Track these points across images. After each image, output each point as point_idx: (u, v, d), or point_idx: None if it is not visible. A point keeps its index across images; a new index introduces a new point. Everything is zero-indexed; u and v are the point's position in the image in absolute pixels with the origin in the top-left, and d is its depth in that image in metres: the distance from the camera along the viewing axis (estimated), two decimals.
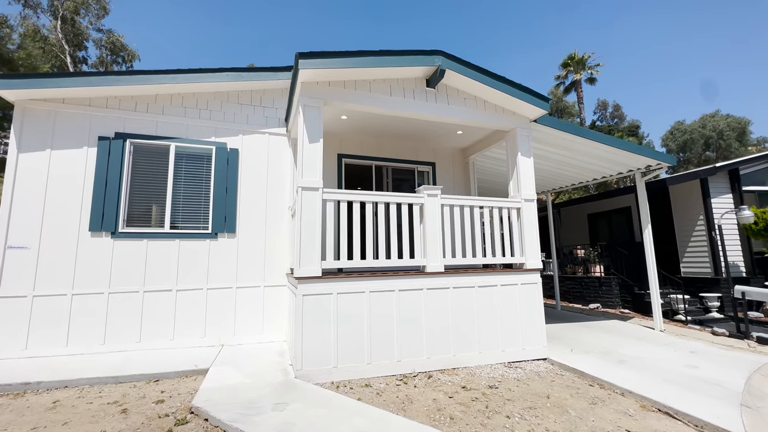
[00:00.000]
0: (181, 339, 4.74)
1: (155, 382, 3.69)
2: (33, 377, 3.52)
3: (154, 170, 4.96)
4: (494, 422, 3.04)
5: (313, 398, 3.22)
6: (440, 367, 4.25)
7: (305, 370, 3.71)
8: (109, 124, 4.82)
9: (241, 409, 2.91)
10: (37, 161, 4.49)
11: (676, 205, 8.53)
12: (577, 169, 7.50)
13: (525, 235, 4.96)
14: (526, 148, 5.19)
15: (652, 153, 6.35)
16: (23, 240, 4.32)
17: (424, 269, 4.41)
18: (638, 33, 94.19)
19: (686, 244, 8.33)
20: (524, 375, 4.22)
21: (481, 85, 4.72)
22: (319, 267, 3.91)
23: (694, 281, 8.02)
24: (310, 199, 3.99)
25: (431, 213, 4.49)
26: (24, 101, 4.50)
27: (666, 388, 3.72)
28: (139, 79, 4.66)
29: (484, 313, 4.55)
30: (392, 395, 3.51)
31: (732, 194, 8.05)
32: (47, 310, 4.31)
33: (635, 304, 8.31)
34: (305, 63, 3.80)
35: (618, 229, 10.38)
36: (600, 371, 4.20)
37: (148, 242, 4.77)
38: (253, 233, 5.26)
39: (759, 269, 7.87)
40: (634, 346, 5.35)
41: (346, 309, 3.96)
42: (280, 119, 5.65)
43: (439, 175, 6.76)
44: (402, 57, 4.25)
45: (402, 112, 4.65)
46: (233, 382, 3.54)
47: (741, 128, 31.94)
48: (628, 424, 3.09)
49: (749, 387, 3.90)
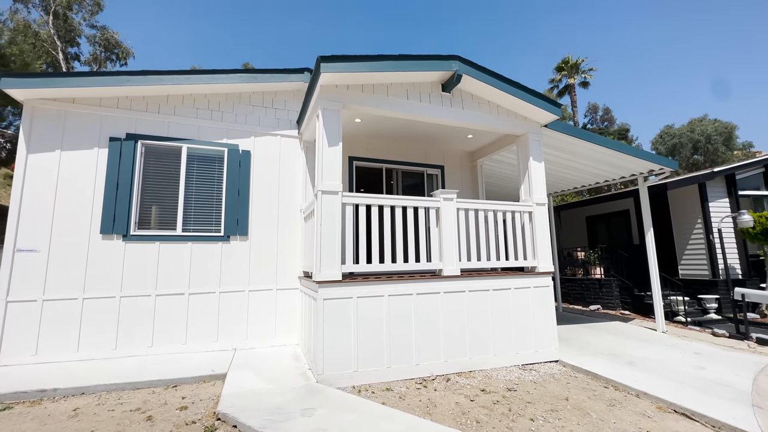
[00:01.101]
0: (193, 343, 4.68)
1: (174, 388, 3.64)
2: (48, 384, 3.44)
3: (165, 172, 4.89)
4: (520, 425, 3.08)
5: (338, 403, 3.22)
6: (457, 370, 4.27)
7: (326, 374, 3.70)
8: (120, 124, 4.74)
9: (269, 415, 2.89)
10: (46, 162, 4.39)
11: (674, 208, 8.73)
12: (579, 173, 7.62)
13: (537, 238, 5.02)
14: (538, 152, 5.26)
15: (655, 158, 6.48)
16: (33, 243, 4.21)
17: (441, 273, 4.44)
18: (628, 37, 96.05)
19: (684, 247, 8.53)
20: (539, 377, 4.27)
21: (495, 90, 4.77)
22: (339, 271, 3.91)
23: (692, 283, 8.21)
24: (329, 202, 3.98)
25: (447, 217, 4.52)
26: (33, 100, 4.39)
27: (679, 390, 3.80)
28: (152, 79, 4.59)
29: (499, 316, 4.60)
30: (415, 399, 3.53)
31: (728, 198, 8.27)
32: (57, 314, 4.22)
33: (635, 305, 8.47)
34: (327, 66, 3.79)
35: (616, 232, 10.57)
36: (613, 373, 4.27)
37: (160, 245, 4.70)
38: (266, 236, 5.22)
39: (754, 271, 8.10)
40: (641, 348, 5.45)
41: (366, 313, 3.96)
42: (291, 121, 5.62)
43: (447, 178, 6.81)
44: (420, 61, 4.27)
45: (418, 116, 4.67)
46: (255, 387, 3.51)
47: (728, 133, 32.77)
48: (649, 425, 3.15)
49: (757, 388, 4.01)
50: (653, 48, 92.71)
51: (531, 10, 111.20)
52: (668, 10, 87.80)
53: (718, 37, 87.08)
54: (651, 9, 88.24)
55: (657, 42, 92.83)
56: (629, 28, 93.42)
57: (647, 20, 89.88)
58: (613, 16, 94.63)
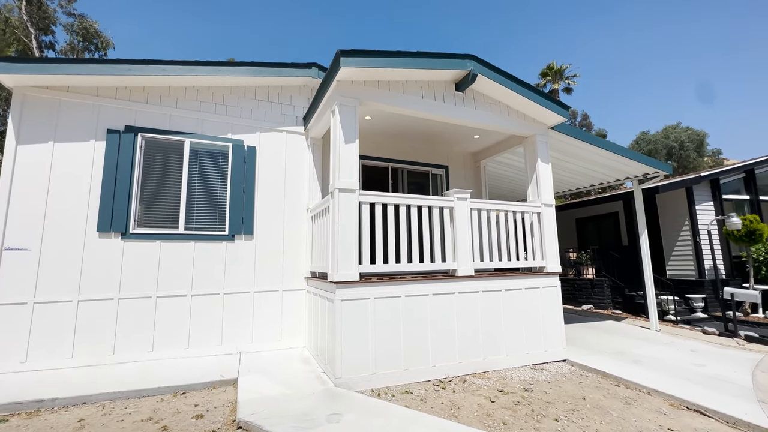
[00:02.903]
0: (196, 347, 4.46)
1: (183, 395, 3.44)
2: (46, 393, 3.18)
3: (167, 167, 4.65)
4: (546, 426, 3.07)
5: (363, 408, 3.12)
6: (472, 371, 4.25)
7: (345, 378, 3.58)
8: (118, 116, 4.47)
9: (294, 422, 2.77)
10: (38, 154, 4.07)
11: (662, 211, 9.05)
12: (577, 175, 7.78)
13: (545, 239, 5.08)
14: (545, 154, 5.31)
15: (650, 161, 6.68)
16: (23, 241, 3.90)
17: (454, 273, 4.40)
18: (603, 45, 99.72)
19: (672, 248, 8.85)
20: (552, 377, 4.30)
21: (508, 90, 4.78)
22: (356, 271, 3.81)
23: (679, 283, 8.53)
24: (346, 201, 3.87)
25: (461, 216, 4.49)
26: (24, 87, 4.08)
27: (686, 387, 3.90)
28: (154, 69, 4.34)
29: (510, 317, 4.61)
30: (436, 402, 3.47)
31: (713, 202, 8.65)
32: (50, 318, 3.92)
33: (626, 305, 8.72)
34: (347, 61, 3.68)
35: (605, 234, 10.88)
36: (621, 371, 4.35)
37: (162, 244, 4.45)
38: (271, 235, 5.05)
39: (736, 272, 8.49)
40: (642, 347, 5.59)
41: (383, 314, 3.87)
42: (297, 117, 5.46)
43: (451, 178, 6.80)
44: (438, 59, 4.23)
45: (432, 115, 4.63)
46: (272, 393, 3.36)
47: (699, 140, 34.45)
48: (668, 423, 3.20)
49: (757, 383, 4.17)
50: (631, 56, 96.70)
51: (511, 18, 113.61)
52: (648, 21, 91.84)
53: (693, 48, 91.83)
54: (631, 21, 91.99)
55: (634, 50, 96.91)
56: (600, 36, 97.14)
57: (628, 32, 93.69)
58: (592, 25, 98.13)
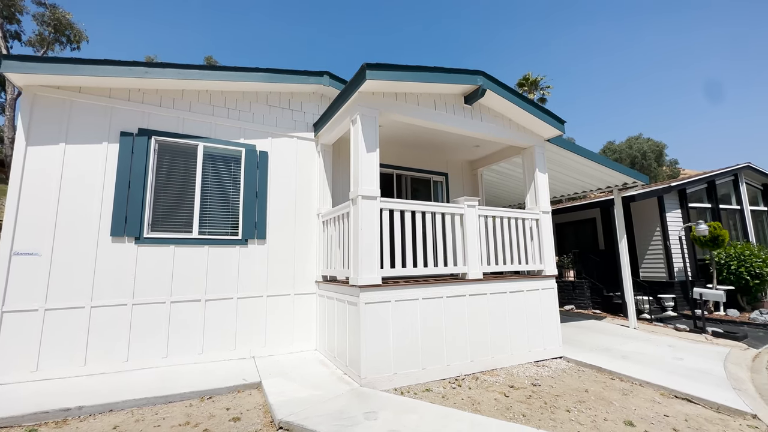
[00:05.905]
0: (210, 352, 4.44)
1: (210, 399, 3.46)
2: (70, 402, 3.11)
3: (180, 171, 4.61)
4: (560, 416, 3.35)
5: (395, 405, 3.27)
6: (481, 369, 4.50)
7: (369, 378, 3.73)
8: (131, 118, 4.40)
9: (334, 421, 2.88)
10: (49, 156, 3.95)
11: (636, 217, 9.79)
12: (564, 184, 8.31)
13: (543, 243, 5.44)
14: (543, 164, 5.70)
15: (630, 172, 7.28)
16: (33, 245, 3.77)
17: (465, 276, 4.65)
18: (570, 52, 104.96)
19: (645, 252, 9.59)
20: (553, 372, 4.63)
21: (511, 105, 5.12)
22: (378, 275, 3.97)
23: (651, 284, 9.25)
24: (368, 207, 4.03)
25: (471, 223, 4.76)
26: (34, 87, 3.95)
27: (672, 378, 4.33)
28: (171, 72, 4.31)
29: (514, 317, 4.91)
30: (457, 398, 3.68)
31: (681, 210, 9.47)
32: (62, 325, 3.80)
33: (605, 305, 9.35)
34: (372, 74, 3.86)
35: (583, 238, 11.58)
36: (613, 366, 4.74)
37: (176, 248, 4.41)
38: (283, 240, 5.10)
39: (701, 273, 9.33)
40: (625, 343, 6.07)
41: (402, 316, 4.05)
42: (308, 124, 5.55)
43: (451, 185, 7.09)
44: (451, 74, 4.48)
45: (444, 126, 4.87)
46: (301, 394, 3.45)
47: (659, 150, 37.12)
48: (663, 410, 3.58)
49: (729, 374, 4.68)
50: (597, 63, 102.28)
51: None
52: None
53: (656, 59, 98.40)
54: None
55: (604, 58, 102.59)
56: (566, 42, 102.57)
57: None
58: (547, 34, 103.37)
